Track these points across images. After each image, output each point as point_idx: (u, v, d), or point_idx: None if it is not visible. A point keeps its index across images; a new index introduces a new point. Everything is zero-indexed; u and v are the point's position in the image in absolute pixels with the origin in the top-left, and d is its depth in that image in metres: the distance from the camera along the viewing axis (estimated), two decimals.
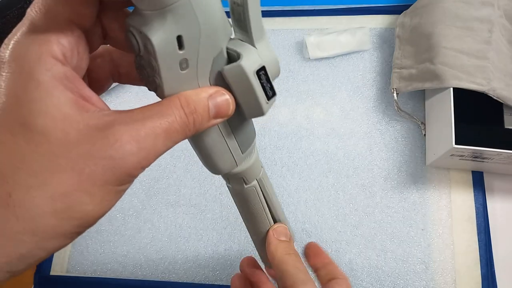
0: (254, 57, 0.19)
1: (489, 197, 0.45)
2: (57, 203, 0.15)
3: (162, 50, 0.17)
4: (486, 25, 0.43)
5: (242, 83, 0.20)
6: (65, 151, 0.15)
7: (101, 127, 0.16)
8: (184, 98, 0.18)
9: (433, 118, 0.45)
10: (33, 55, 0.15)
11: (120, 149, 0.16)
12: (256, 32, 0.20)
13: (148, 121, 0.17)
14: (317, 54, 0.52)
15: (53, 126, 0.15)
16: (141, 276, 0.46)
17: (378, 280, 0.43)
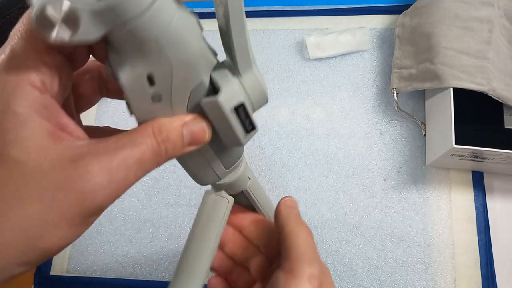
0: (233, 93, 0.19)
1: (489, 197, 0.45)
2: (24, 233, 0.15)
3: (131, 87, 0.17)
4: (486, 25, 0.43)
5: (219, 117, 0.19)
6: (36, 182, 0.15)
7: (74, 158, 0.16)
8: (157, 126, 0.18)
9: (433, 118, 0.45)
10: (11, 84, 0.15)
11: (90, 181, 0.16)
12: (242, 62, 0.19)
13: (121, 151, 0.17)
14: (317, 54, 0.52)
15: (26, 157, 0.15)
16: (141, 276, 0.46)
17: (378, 280, 0.43)
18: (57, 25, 0.14)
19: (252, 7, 0.57)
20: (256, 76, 0.20)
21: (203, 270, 0.29)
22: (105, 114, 0.54)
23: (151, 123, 0.18)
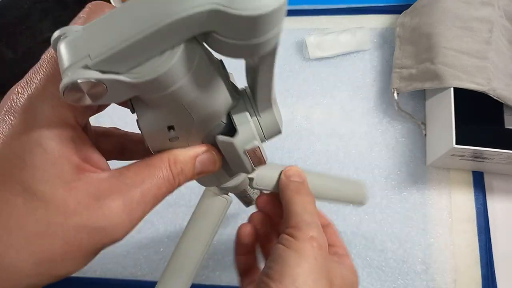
0: (249, 137, 0.20)
1: (489, 197, 0.45)
2: (41, 267, 0.16)
3: (150, 133, 0.17)
4: (486, 25, 0.43)
5: (232, 154, 0.20)
6: (60, 220, 0.16)
7: (97, 195, 0.16)
8: (173, 159, 0.19)
9: (433, 118, 0.45)
10: (43, 119, 0.16)
11: (113, 221, 0.17)
12: (263, 103, 0.20)
13: (140, 187, 0.17)
14: (317, 54, 0.52)
15: (53, 195, 0.16)
16: (141, 276, 0.46)
17: (379, 280, 0.43)
18: (84, 95, 0.14)
19: None
20: (274, 115, 0.21)
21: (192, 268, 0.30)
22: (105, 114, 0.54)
23: (167, 156, 0.19)
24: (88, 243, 0.16)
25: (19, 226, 0.15)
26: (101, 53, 0.13)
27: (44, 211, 0.16)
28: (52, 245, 0.16)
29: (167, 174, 0.18)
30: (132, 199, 0.17)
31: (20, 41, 0.51)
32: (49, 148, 0.16)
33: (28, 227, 0.15)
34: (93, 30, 0.14)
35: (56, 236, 0.16)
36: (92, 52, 0.13)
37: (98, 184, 0.17)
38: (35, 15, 0.52)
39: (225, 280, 0.45)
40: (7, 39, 0.51)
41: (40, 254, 0.16)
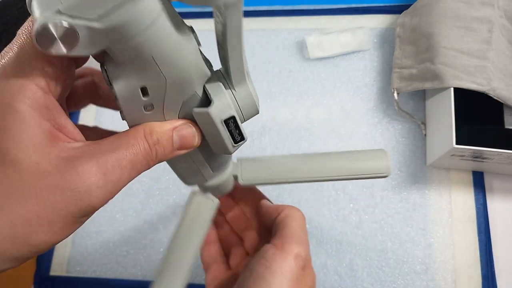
0: (225, 106, 0.20)
1: (490, 197, 0.45)
2: (16, 228, 0.15)
3: (124, 97, 0.17)
4: (486, 25, 0.43)
5: (210, 126, 0.20)
6: (33, 181, 0.16)
7: (70, 158, 0.16)
8: (149, 129, 0.19)
9: (433, 118, 0.45)
10: (16, 83, 0.16)
11: (86, 181, 0.16)
12: (236, 76, 0.20)
13: (115, 153, 0.17)
14: (317, 54, 0.52)
15: (25, 156, 0.16)
16: (141, 276, 0.46)
17: (379, 280, 0.43)
18: (56, 41, 0.14)
19: (252, 6, 0.57)
20: (248, 89, 0.21)
21: (185, 271, 0.29)
22: (105, 113, 0.54)
23: (142, 126, 0.19)
24: (63, 205, 0.16)
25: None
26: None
27: (16, 173, 0.16)
28: (25, 206, 0.16)
29: (142, 143, 0.18)
30: (106, 162, 0.17)
31: None
32: (21, 110, 0.16)
33: (1, 188, 0.16)
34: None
35: (29, 197, 0.16)
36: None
37: (72, 150, 0.17)
38: None
39: None
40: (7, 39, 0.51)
41: (12, 214, 0.15)
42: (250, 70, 0.57)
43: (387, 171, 0.30)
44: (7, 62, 0.16)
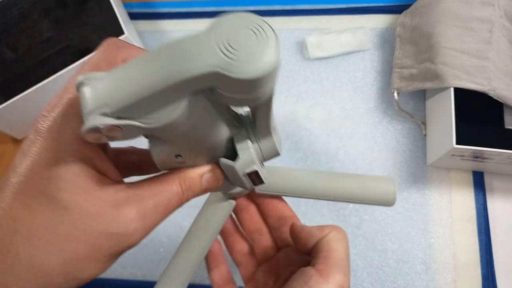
0: (249, 161, 0.22)
1: (490, 197, 0.45)
2: (68, 267, 0.18)
3: (160, 160, 0.20)
4: (487, 25, 0.43)
5: (233, 174, 0.22)
6: (83, 225, 0.18)
7: (115, 204, 0.19)
8: (183, 177, 0.21)
9: (433, 118, 0.45)
10: (67, 138, 0.18)
11: (129, 227, 0.19)
12: (263, 132, 0.22)
13: (153, 199, 0.20)
14: (317, 54, 0.52)
15: (75, 202, 0.18)
16: (141, 276, 0.46)
17: (379, 280, 0.43)
18: (102, 136, 0.16)
19: (252, 6, 0.57)
20: (273, 141, 0.23)
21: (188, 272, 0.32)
22: None
23: (177, 175, 0.21)
24: (108, 247, 0.19)
25: (47, 231, 0.18)
26: (119, 103, 0.15)
27: (69, 218, 0.18)
28: (76, 248, 0.18)
29: (177, 189, 0.21)
30: (146, 208, 0.20)
31: (20, 41, 0.51)
32: (71, 162, 0.18)
33: (55, 232, 0.18)
34: (112, 80, 0.16)
35: (79, 240, 0.18)
36: (110, 101, 0.15)
37: (116, 194, 0.19)
38: (35, 15, 0.52)
39: None
40: (7, 39, 0.51)
41: (66, 254, 0.18)
42: None
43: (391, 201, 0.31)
44: (60, 113, 0.18)
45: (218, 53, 0.15)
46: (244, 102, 0.17)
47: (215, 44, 0.15)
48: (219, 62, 0.15)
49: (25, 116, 0.51)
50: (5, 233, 0.18)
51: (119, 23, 0.49)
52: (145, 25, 0.59)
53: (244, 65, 0.15)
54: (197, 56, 0.15)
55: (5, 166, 0.54)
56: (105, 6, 0.51)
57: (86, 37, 0.50)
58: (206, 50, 0.15)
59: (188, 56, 0.15)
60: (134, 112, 0.16)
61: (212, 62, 0.15)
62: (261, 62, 0.15)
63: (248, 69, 0.15)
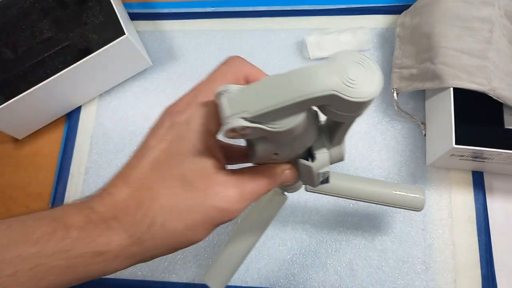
0: (323, 164, 0.27)
1: (489, 197, 0.45)
2: (187, 231, 0.23)
3: (261, 156, 0.25)
4: (487, 25, 0.43)
5: (307, 173, 0.27)
6: (202, 200, 0.23)
7: (224, 186, 0.24)
8: (271, 171, 0.27)
9: (433, 118, 0.45)
10: (198, 130, 0.23)
11: (232, 204, 0.24)
12: (336, 143, 0.26)
13: (250, 185, 0.25)
14: (317, 54, 0.52)
15: (199, 182, 0.23)
16: (141, 276, 0.46)
17: (379, 280, 0.43)
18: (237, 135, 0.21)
19: (252, 7, 0.57)
20: (342, 150, 0.27)
21: (242, 255, 0.38)
22: (105, 114, 0.54)
23: (267, 169, 0.26)
24: (215, 218, 0.23)
25: (176, 202, 0.23)
26: (257, 111, 0.20)
27: (192, 194, 0.23)
28: (194, 217, 0.23)
29: (267, 180, 0.26)
30: (244, 192, 0.24)
31: (20, 41, 0.51)
32: (200, 150, 0.23)
33: (181, 203, 0.23)
34: (251, 93, 0.21)
35: (197, 211, 0.23)
36: (250, 108, 0.20)
37: (225, 178, 0.24)
38: (35, 15, 0.52)
39: None
40: (7, 39, 0.51)
41: (187, 222, 0.23)
42: None
43: (421, 207, 0.38)
44: (192, 111, 0.23)
45: (337, 80, 0.19)
46: (345, 117, 0.22)
47: (334, 73, 0.20)
48: (337, 87, 0.19)
49: (25, 116, 0.52)
50: (144, 198, 0.23)
51: (119, 23, 0.49)
52: (145, 25, 0.59)
53: (357, 90, 0.19)
54: (321, 81, 0.20)
55: (5, 166, 0.54)
56: (105, 6, 0.51)
57: (86, 37, 0.50)
58: (328, 77, 0.20)
59: (313, 81, 0.20)
60: (265, 118, 0.21)
61: (332, 87, 0.19)
62: (371, 88, 0.20)
63: (361, 93, 0.19)
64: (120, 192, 0.23)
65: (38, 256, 0.20)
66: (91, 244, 0.22)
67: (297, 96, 0.20)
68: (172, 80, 0.55)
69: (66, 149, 0.53)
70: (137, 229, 0.22)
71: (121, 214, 0.23)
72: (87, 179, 0.51)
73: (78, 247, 0.21)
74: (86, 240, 0.22)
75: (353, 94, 0.20)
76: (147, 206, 0.23)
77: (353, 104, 0.20)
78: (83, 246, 0.21)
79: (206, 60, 0.55)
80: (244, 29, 0.57)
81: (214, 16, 0.58)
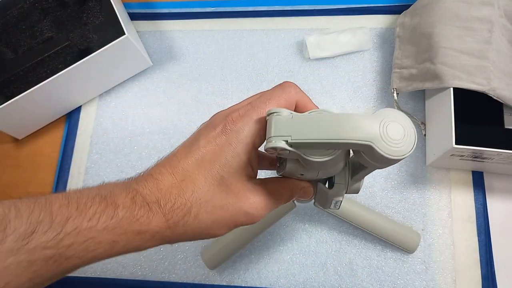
0: (339, 194, 0.29)
1: (489, 197, 0.45)
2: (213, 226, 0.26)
3: (286, 173, 0.28)
4: (486, 25, 0.43)
5: (323, 197, 0.30)
6: (233, 202, 0.26)
7: (252, 193, 0.27)
8: (293, 186, 0.29)
9: (433, 118, 0.45)
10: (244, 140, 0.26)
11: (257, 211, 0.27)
12: (356, 179, 0.28)
13: (273, 195, 0.27)
14: (317, 54, 0.52)
15: (234, 186, 0.26)
16: (141, 276, 0.46)
17: (378, 280, 0.43)
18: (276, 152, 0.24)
19: (252, 7, 0.57)
20: (359, 185, 0.29)
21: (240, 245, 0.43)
22: (105, 114, 0.54)
23: (290, 184, 0.29)
24: (239, 220, 0.26)
25: (212, 199, 0.25)
26: (299, 139, 0.22)
27: (226, 195, 0.26)
28: (223, 215, 0.26)
29: (288, 193, 0.29)
30: (268, 200, 0.27)
31: (20, 41, 0.51)
32: (242, 158, 0.26)
33: (216, 201, 0.26)
34: (298, 121, 0.23)
35: (227, 210, 0.26)
36: (294, 135, 0.23)
37: (254, 185, 0.27)
38: (35, 15, 0.52)
39: (225, 280, 0.45)
40: (7, 39, 0.51)
41: (215, 217, 0.26)
42: (250, 70, 0.57)
43: (414, 250, 0.43)
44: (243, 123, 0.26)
45: (377, 131, 0.21)
46: (372, 165, 0.23)
47: (377, 125, 0.21)
48: (374, 139, 0.21)
49: (25, 116, 0.52)
50: (185, 189, 0.25)
51: (119, 23, 0.49)
52: (145, 25, 0.59)
53: (390, 148, 0.21)
54: (362, 129, 0.21)
55: (5, 166, 0.54)
56: (105, 6, 0.51)
57: (86, 37, 0.50)
58: (370, 129, 0.21)
59: (357, 128, 0.21)
60: (303, 147, 0.23)
61: (371, 137, 0.21)
62: (401, 150, 0.21)
63: (392, 152, 0.21)
64: (165, 179, 0.25)
65: (91, 231, 0.23)
66: (135, 223, 0.24)
67: (337, 137, 0.22)
68: (172, 80, 0.55)
69: (66, 149, 0.53)
70: (174, 215, 0.25)
71: (163, 200, 0.25)
72: (87, 179, 0.51)
73: (123, 225, 0.24)
74: (131, 219, 0.24)
75: (386, 150, 0.21)
76: (187, 196, 0.25)
77: (383, 158, 0.21)
78: (128, 225, 0.24)
79: (206, 60, 0.55)
80: (244, 29, 0.57)
81: (214, 16, 0.58)
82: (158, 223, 0.25)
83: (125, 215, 0.24)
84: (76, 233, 0.23)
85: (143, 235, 0.24)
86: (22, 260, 0.21)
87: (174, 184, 0.25)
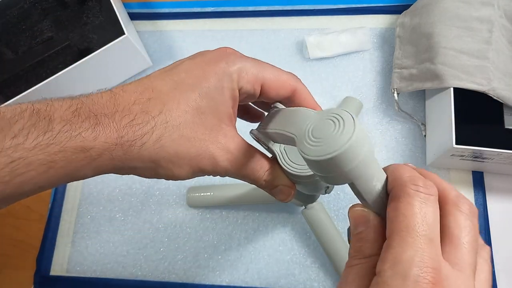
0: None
1: (489, 197, 0.45)
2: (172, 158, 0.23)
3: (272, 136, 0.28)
4: (486, 25, 0.43)
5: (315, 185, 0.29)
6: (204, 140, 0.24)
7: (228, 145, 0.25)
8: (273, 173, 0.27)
9: (433, 118, 0.45)
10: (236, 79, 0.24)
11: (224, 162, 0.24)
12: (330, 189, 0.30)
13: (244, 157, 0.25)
14: (317, 54, 0.52)
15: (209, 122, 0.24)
16: (141, 276, 0.46)
17: None
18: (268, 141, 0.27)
19: (252, 7, 0.57)
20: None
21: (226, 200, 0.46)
22: None
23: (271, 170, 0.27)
24: (203, 162, 0.24)
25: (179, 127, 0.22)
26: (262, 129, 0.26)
27: (197, 127, 0.23)
28: (189, 150, 0.23)
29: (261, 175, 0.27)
30: (239, 159, 0.25)
31: (20, 41, 0.51)
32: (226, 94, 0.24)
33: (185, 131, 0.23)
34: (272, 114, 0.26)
35: (194, 146, 0.23)
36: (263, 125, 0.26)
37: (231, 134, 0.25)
38: (35, 15, 0.52)
39: (225, 280, 0.45)
40: (7, 39, 0.51)
41: (180, 149, 0.23)
42: None
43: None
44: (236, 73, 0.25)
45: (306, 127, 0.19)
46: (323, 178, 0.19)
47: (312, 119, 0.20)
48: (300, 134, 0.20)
49: None
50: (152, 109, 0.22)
51: (119, 23, 0.49)
52: (145, 25, 0.59)
53: (305, 145, 0.18)
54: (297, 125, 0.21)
55: None
56: (105, 6, 0.51)
57: (86, 37, 0.50)
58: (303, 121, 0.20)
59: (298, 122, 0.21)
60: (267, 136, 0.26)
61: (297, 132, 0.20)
62: (317, 150, 0.17)
63: (305, 149, 0.18)
64: (127, 95, 0.22)
65: (16, 149, 0.19)
66: (76, 138, 0.20)
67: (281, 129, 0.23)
68: None
69: None
70: (131, 131, 0.21)
71: (119, 114, 0.21)
72: (86, 179, 0.51)
73: (61, 140, 0.20)
74: (71, 133, 0.20)
75: (301, 146, 0.18)
76: (151, 115, 0.22)
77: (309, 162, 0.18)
78: (67, 140, 0.20)
79: None
80: (244, 29, 0.57)
81: (214, 16, 0.58)
82: (107, 138, 0.21)
83: (63, 128, 0.20)
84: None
85: (87, 153, 0.20)
86: None
87: (138, 101, 0.22)
